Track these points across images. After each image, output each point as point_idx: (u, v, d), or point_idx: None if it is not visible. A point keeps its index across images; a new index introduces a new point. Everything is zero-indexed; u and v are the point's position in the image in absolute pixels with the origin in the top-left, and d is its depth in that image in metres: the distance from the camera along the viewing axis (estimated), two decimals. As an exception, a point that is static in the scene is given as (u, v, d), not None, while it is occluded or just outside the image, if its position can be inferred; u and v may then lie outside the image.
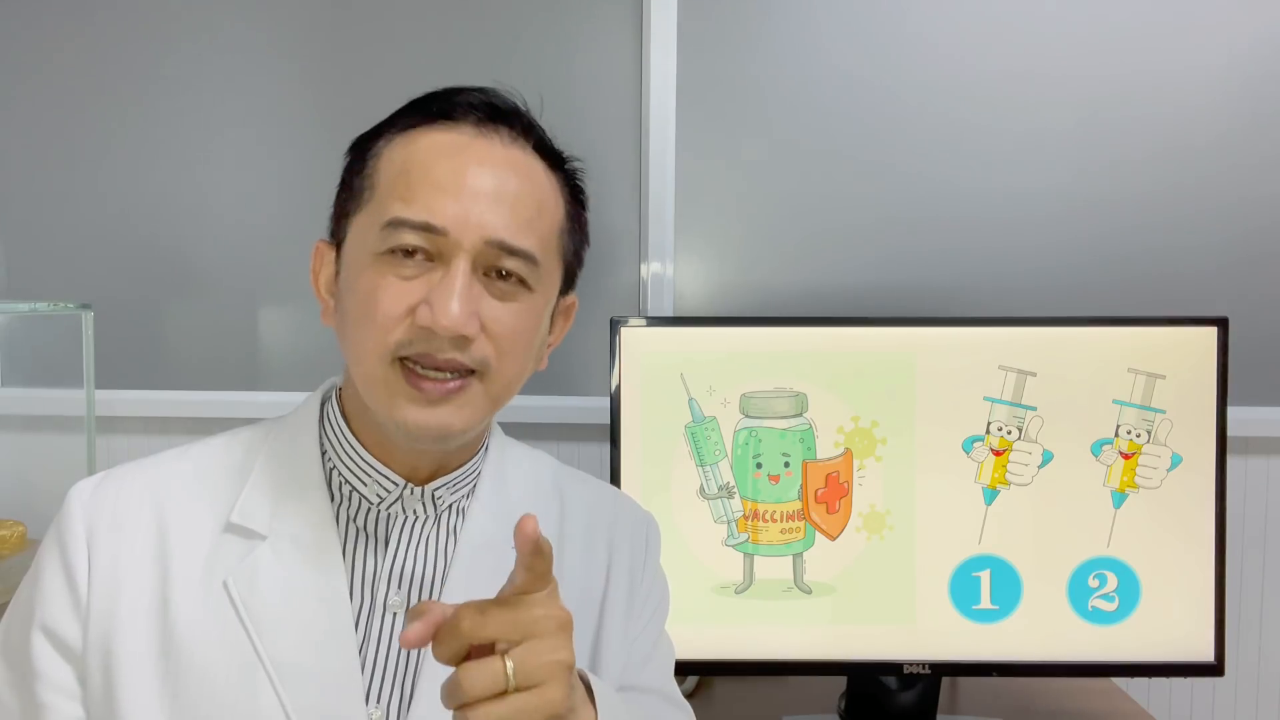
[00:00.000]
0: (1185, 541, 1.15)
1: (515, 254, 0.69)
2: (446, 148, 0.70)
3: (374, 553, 0.74)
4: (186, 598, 0.70)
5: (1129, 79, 1.38)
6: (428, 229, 0.67)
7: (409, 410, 0.68)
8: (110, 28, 1.44)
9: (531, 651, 0.55)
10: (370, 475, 0.74)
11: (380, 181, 0.70)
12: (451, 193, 0.68)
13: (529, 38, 1.41)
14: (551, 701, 0.56)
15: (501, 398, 0.73)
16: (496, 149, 0.71)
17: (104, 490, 0.73)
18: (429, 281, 0.67)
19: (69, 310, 1.35)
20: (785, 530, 1.15)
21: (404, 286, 0.67)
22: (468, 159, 0.69)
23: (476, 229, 0.67)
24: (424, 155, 0.69)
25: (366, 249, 0.69)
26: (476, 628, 0.55)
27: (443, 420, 0.69)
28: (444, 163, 0.69)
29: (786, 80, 1.40)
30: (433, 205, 0.67)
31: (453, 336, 0.66)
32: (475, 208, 0.68)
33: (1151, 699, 1.41)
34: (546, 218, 0.73)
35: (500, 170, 0.70)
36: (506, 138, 0.71)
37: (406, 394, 0.68)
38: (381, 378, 0.68)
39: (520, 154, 0.72)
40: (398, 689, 0.72)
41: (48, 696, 0.68)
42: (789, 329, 1.16)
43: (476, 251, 0.68)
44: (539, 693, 0.55)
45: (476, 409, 0.70)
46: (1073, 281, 1.40)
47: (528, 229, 0.70)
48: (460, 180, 0.68)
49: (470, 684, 0.54)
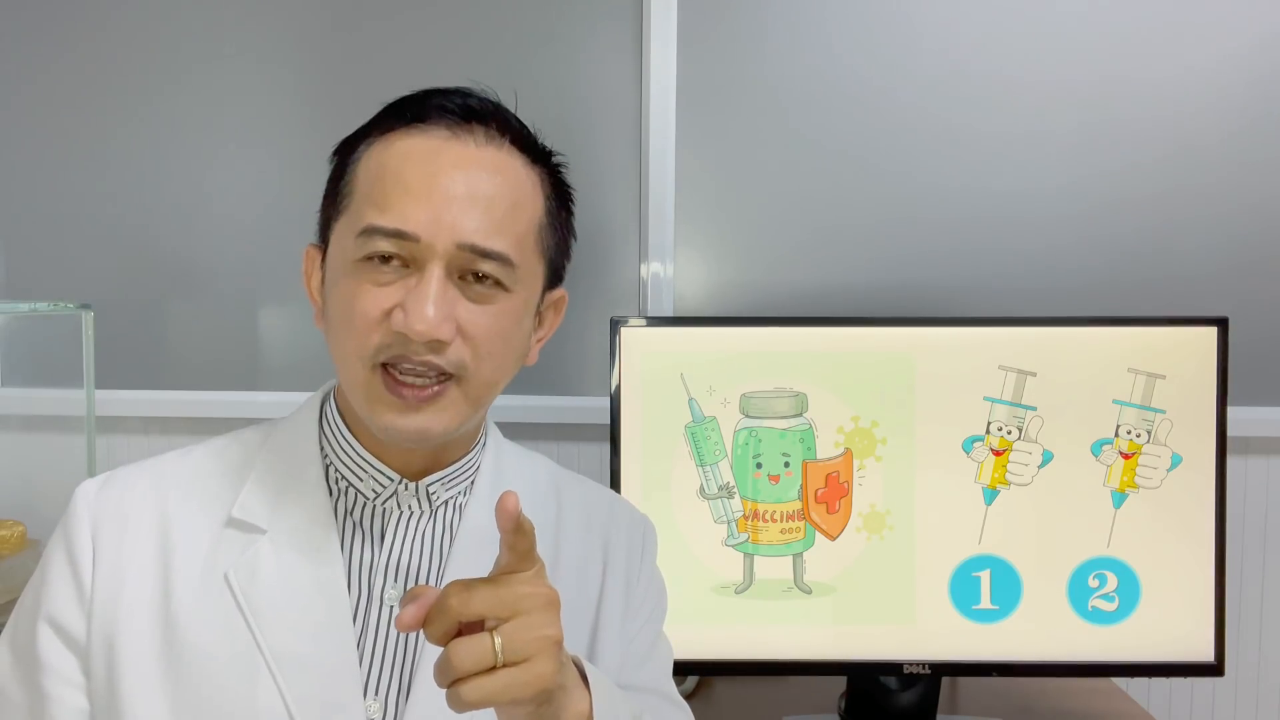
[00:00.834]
0: (1185, 541, 1.15)
1: (489, 256, 0.70)
2: (419, 153, 0.70)
3: (371, 547, 0.75)
4: (188, 590, 0.71)
5: (1130, 80, 1.38)
6: (400, 235, 0.68)
7: (388, 415, 0.70)
8: (110, 29, 1.44)
9: (519, 627, 0.56)
10: (366, 471, 0.76)
11: (357, 187, 0.72)
12: (423, 198, 0.68)
13: (529, 38, 1.41)
14: (540, 676, 0.56)
15: (482, 399, 0.74)
16: (470, 150, 0.71)
17: (109, 489, 0.75)
18: (405, 287, 0.69)
19: (69, 310, 1.35)
20: (785, 530, 1.16)
21: (380, 293, 0.69)
22: (440, 163, 0.70)
23: (449, 233, 0.68)
24: (397, 161, 0.70)
25: (345, 256, 0.71)
26: (463, 604, 0.56)
27: (421, 425, 0.70)
28: (416, 168, 0.70)
29: (787, 80, 1.40)
30: (405, 212, 0.68)
31: (428, 341, 0.67)
32: (447, 213, 0.68)
33: (1151, 699, 1.41)
34: (523, 216, 0.73)
35: (473, 172, 0.70)
36: (481, 138, 0.72)
37: (386, 400, 0.69)
38: (363, 382, 0.70)
39: (495, 153, 0.72)
40: (396, 680, 0.72)
41: (53, 687, 0.70)
42: (789, 329, 1.16)
43: (450, 256, 0.69)
44: (527, 667, 0.56)
45: (456, 412, 0.72)
46: (1073, 281, 1.40)
47: (501, 230, 0.70)
48: (432, 185, 0.69)
49: (459, 659, 0.55)
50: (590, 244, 1.41)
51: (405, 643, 0.73)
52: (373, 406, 0.70)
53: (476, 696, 0.55)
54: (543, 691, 0.57)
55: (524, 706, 0.58)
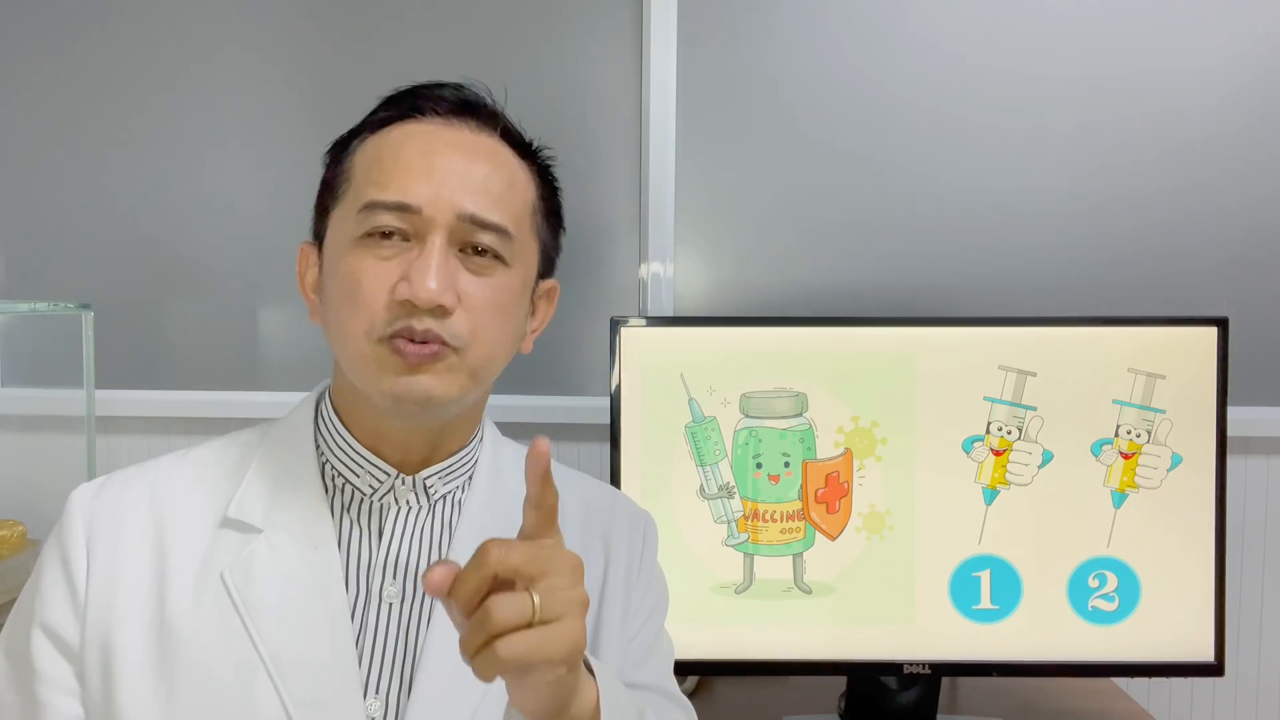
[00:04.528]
0: (1185, 541, 1.15)
1: (488, 228, 0.72)
2: (417, 135, 0.73)
3: (369, 543, 0.75)
4: (184, 592, 0.71)
5: (1129, 79, 1.38)
6: (402, 208, 0.70)
7: (392, 379, 0.70)
8: (110, 29, 1.44)
9: (552, 587, 0.56)
10: (362, 466, 0.76)
11: (355, 174, 0.74)
12: (423, 174, 0.71)
13: (529, 37, 1.41)
14: (573, 635, 0.57)
15: (480, 371, 0.74)
16: (465, 135, 0.74)
17: (105, 493, 0.74)
18: (407, 260, 0.70)
19: (69, 310, 1.35)
20: (785, 530, 1.15)
21: (383, 266, 0.70)
22: (438, 144, 0.73)
23: (449, 205, 0.70)
24: (395, 144, 0.73)
25: (346, 236, 0.72)
26: (503, 555, 0.55)
27: (424, 387, 0.70)
28: (415, 147, 0.72)
29: (787, 80, 1.40)
30: (406, 186, 0.70)
31: (431, 308, 0.69)
32: (446, 186, 0.71)
33: (1151, 699, 1.41)
34: (518, 195, 0.76)
35: (469, 153, 0.73)
36: (474, 126, 0.75)
37: (390, 364, 0.70)
38: (370, 355, 0.71)
39: (488, 139, 0.75)
40: (396, 678, 0.72)
41: (47, 695, 0.69)
42: (789, 329, 1.16)
43: (451, 227, 0.71)
44: (561, 626, 0.56)
45: (455, 379, 0.72)
46: (1073, 281, 1.40)
47: (499, 204, 0.73)
48: (431, 162, 0.71)
49: (500, 611, 0.54)
50: (590, 244, 1.41)
51: (405, 640, 0.73)
52: (379, 375, 0.70)
53: (513, 652, 0.54)
54: (574, 651, 0.57)
55: (554, 670, 0.57)
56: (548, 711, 0.59)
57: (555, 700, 0.59)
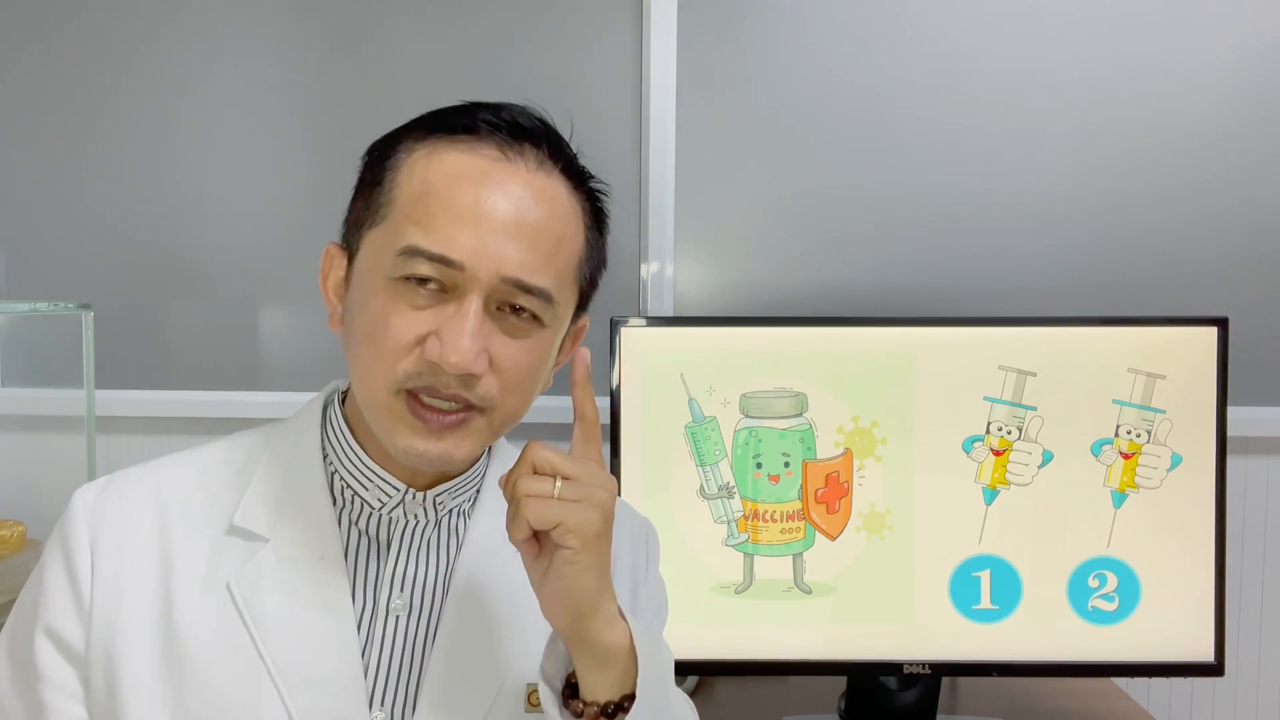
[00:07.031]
0: (1185, 541, 1.15)
1: (531, 292, 0.68)
2: (468, 173, 0.68)
3: (376, 557, 0.74)
4: (189, 599, 0.70)
5: (1129, 80, 1.38)
6: (444, 261, 0.66)
7: (412, 440, 0.68)
8: (111, 29, 1.44)
9: (576, 482, 0.66)
10: (371, 480, 0.74)
11: (398, 199, 0.69)
12: (470, 223, 0.66)
13: (528, 37, 1.41)
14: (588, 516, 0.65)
15: (504, 429, 0.73)
16: (520, 174, 0.69)
17: (108, 494, 0.73)
18: (441, 314, 0.66)
19: (69, 310, 1.35)
20: (785, 530, 1.15)
21: (415, 316, 0.67)
22: (490, 187, 0.67)
23: (493, 264, 0.66)
24: (445, 180, 0.68)
25: (380, 270, 0.68)
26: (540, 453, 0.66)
27: (444, 451, 0.69)
28: (464, 190, 0.67)
29: (787, 80, 1.40)
30: (449, 236, 0.66)
31: (460, 375, 0.66)
32: (493, 241, 0.66)
33: (1151, 699, 1.41)
34: (566, 250, 0.71)
35: (522, 200, 0.68)
36: (532, 162, 0.70)
37: (410, 424, 0.68)
38: (386, 405, 0.68)
39: (545, 180, 0.70)
40: (401, 692, 0.72)
41: (51, 698, 0.69)
42: (789, 329, 1.16)
43: (491, 287, 0.67)
44: (579, 506, 0.65)
45: (478, 440, 0.71)
46: (1073, 281, 1.40)
47: (546, 265, 0.69)
48: (479, 210, 0.66)
49: (524, 484, 0.65)
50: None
51: (411, 654, 0.73)
52: (396, 428, 0.68)
53: (532, 511, 0.64)
54: (587, 529, 0.64)
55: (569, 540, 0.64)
56: (573, 615, 0.66)
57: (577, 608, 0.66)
